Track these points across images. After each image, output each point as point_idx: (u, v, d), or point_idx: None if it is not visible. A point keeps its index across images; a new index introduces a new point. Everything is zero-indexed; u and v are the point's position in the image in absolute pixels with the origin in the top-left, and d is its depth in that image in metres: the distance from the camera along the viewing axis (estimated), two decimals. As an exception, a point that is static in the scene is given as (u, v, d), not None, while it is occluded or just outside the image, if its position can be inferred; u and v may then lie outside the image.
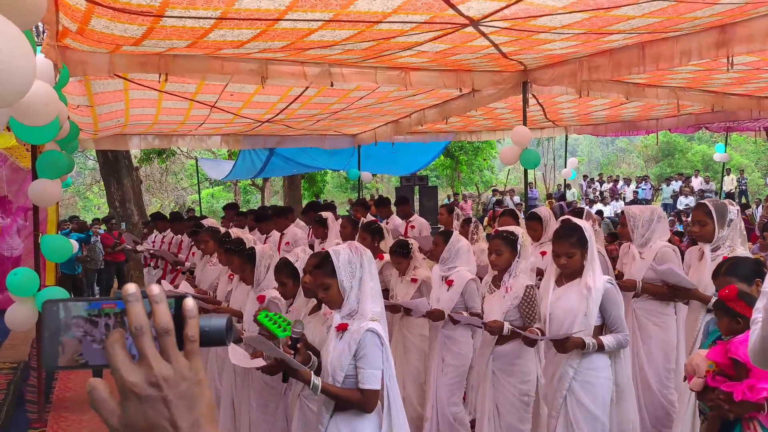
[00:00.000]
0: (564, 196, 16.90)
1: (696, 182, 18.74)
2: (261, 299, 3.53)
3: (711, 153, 18.17)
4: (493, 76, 5.65)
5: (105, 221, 11.72)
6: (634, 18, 3.80)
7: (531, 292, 3.36)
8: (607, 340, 2.94)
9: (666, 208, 16.61)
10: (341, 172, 17.17)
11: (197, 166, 16.76)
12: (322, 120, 7.96)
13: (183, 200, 25.84)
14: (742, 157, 25.12)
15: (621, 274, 4.06)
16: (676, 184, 18.62)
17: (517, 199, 18.35)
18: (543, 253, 4.51)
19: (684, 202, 16.84)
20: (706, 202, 3.64)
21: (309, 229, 6.97)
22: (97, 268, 10.69)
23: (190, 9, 3.24)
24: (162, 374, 0.63)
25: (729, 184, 17.42)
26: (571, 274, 3.03)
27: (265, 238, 6.55)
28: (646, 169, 26.73)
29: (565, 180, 16.14)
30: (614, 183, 20.08)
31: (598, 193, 19.56)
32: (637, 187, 19.19)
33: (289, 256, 3.40)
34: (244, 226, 7.13)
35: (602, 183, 20.64)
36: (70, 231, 10.35)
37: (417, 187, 14.69)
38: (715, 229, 3.51)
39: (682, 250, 4.29)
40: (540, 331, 3.09)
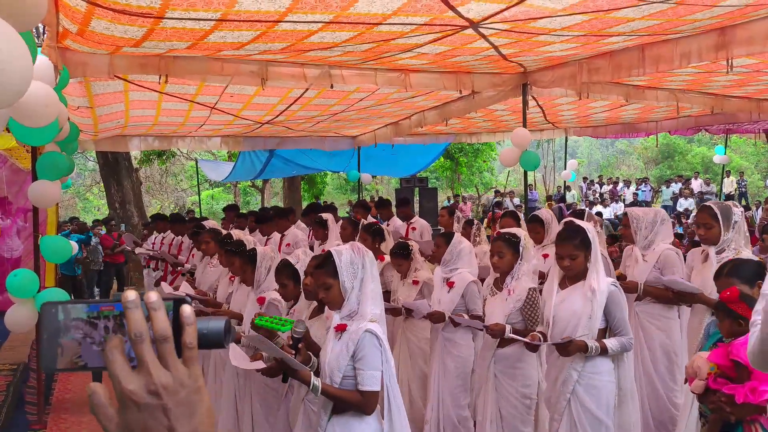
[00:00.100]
0: (564, 198, 16.91)
1: (696, 184, 18.73)
2: (261, 301, 3.51)
3: (711, 155, 18.19)
4: (493, 78, 5.65)
5: (104, 222, 11.71)
6: (634, 20, 3.80)
7: (533, 295, 3.33)
8: (611, 343, 2.90)
9: (666, 209, 16.56)
10: (341, 173, 17.16)
11: (197, 168, 16.76)
12: (322, 121, 7.96)
13: (183, 201, 25.83)
14: (742, 159, 25.13)
15: (623, 276, 4.01)
16: (675, 186, 18.60)
17: (517, 200, 18.34)
18: (545, 256, 4.45)
19: (684, 204, 16.83)
20: (711, 205, 3.58)
21: (309, 231, 6.96)
22: (96, 269, 10.68)
23: (190, 11, 3.24)
24: (161, 382, 0.62)
25: (729, 186, 17.42)
26: (575, 277, 2.99)
27: (266, 240, 6.55)
28: (646, 171, 26.75)
29: (565, 182, 16.15)
30: (614, 185, 20.06)
31: (597, 195, 19.54)
32: (636, 189, 19.18)
33: (289, 257, 3.38)
34: (244, 228, 7.12)
35: (602, 185, 20.63)
36: (70, 232, 10.33)
37: (417, 189, 14.69)
38: (721, 231, 3.46)
39: (683, 253, 4.27)
40: (542, 336, 3.06)
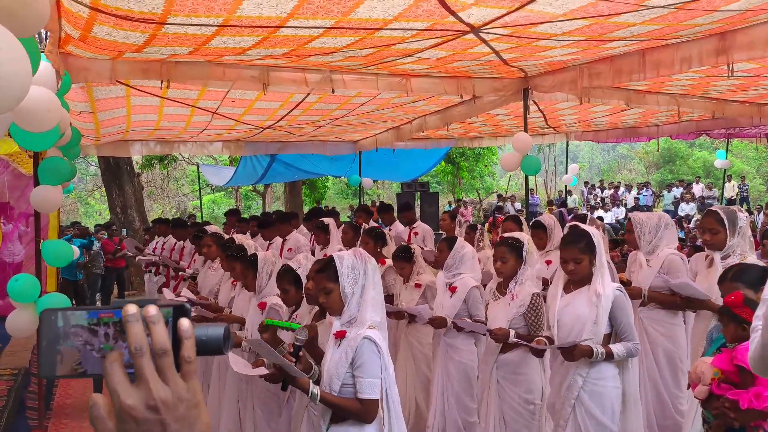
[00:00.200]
0: (565, 203, 16.91)
1: (697, 188, 18.70)
2: (262, 306, 3.50)
3: (712, 159, 18.15)
4: (494, 82, 5.66)
5: (106, 227, 11.72)
6: (635, 25, 3.80)
7: (537, 300, 3.30)
8: (617, 348, 2.87)
9: (667, 214, 16.55)
10: (342, 178, 17.18)
11: (199, 172, 16.78)
12: (324, 126, 7.97)
13: (184, 206, 25.85)
14: (744, 163, 25.12)
15: (628, 281, 3.95)
16: (677, 191, 18.58)
17: (518, 205, 18.33)
18: (548, 262, 4.41)
19: (685, 209, 16.81)
20: (717, 210, 3.53)
21: (311, 236, 6.96)
22: (99, 273, 10.69)
23: (192, 16, 3.25)
24: (160, 397, 0.62)
25: (730, 190, 17.39)
26: (580, 281, 2.97)
27: (268, 245, 6.54)
28: (647, 176, 26.73)
29: (566, 186, 16.17)
30: (615, 189, 20.05)
31: (599, 200, 19.53)
32: (638, 194, 19.15)
33: (291, 262, 3.37)
34: (245, 232, 7.12)
35: (603, 189, 20.61)
36: (73, 237, 10.34)
37: (418, 194, 14.69)
38: (727, 237, 3.42)
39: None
40: (548, 340, 3.03)
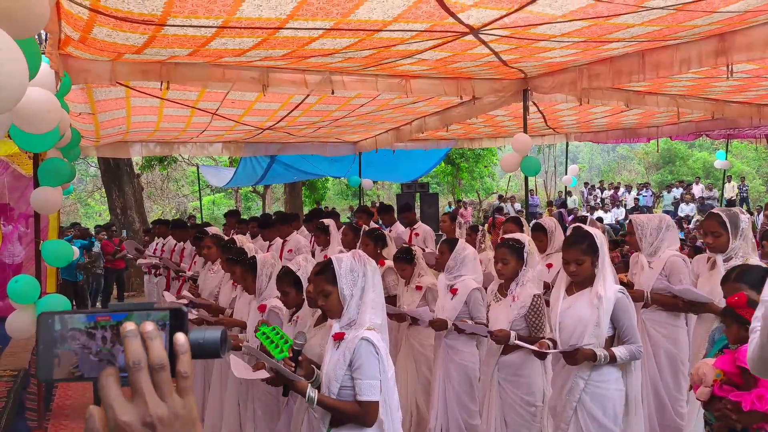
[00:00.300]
0: (565, 204, 16.91)
1: (697, 189, 18.70)
2: (262, 309, 3.50)
3: (712, 160, 18.16)
4: (494, 83, 5.66)
5: (105, 228, 11.72)
6: (634, 26, 3.80)
7: (538, 302, 3.29)
8: (620, 351, 2.85)
9: (668, 215, 16.55)
10: (342, 179, 17.18)
11: (198, 173, 16.78)
12: (323, 127, 7.97)
13: (184, 207, 25.84)
14: (743, 164, 25.13)
15: (630, 283, 3.92)
16: (677, 191, 18.58)
17: (518, 206, 18.33)
18: (549, 266, 4.37)
19: (685, 210, 16.81)
20: (720, 212, 3.50)
21: (311, 237, 6.95)
22: (99, 273, 10.69)
23: (191, 18, 3.25)
24: (157, 414, 0.62)
25: (730, 191, 17.39)
26: (582, 283, 2.94)
27: (268, 246, 6.53)
28: (647, 176, 26.72)
29: (566, 187, 16.15)
30: (615, 190, 20.05)
31: (598, 200, 19.54)
32: (638, 194, 19.16)
33: (291, 264, 3.35)
34: (245, 233, 7.10)
35: (603, 190, 20.62)
36: (73, 237, 10.33)
37: (418, 194, 14.68)
38: (729, 239, 3.39)
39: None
40: (552, 343, 3.01)
